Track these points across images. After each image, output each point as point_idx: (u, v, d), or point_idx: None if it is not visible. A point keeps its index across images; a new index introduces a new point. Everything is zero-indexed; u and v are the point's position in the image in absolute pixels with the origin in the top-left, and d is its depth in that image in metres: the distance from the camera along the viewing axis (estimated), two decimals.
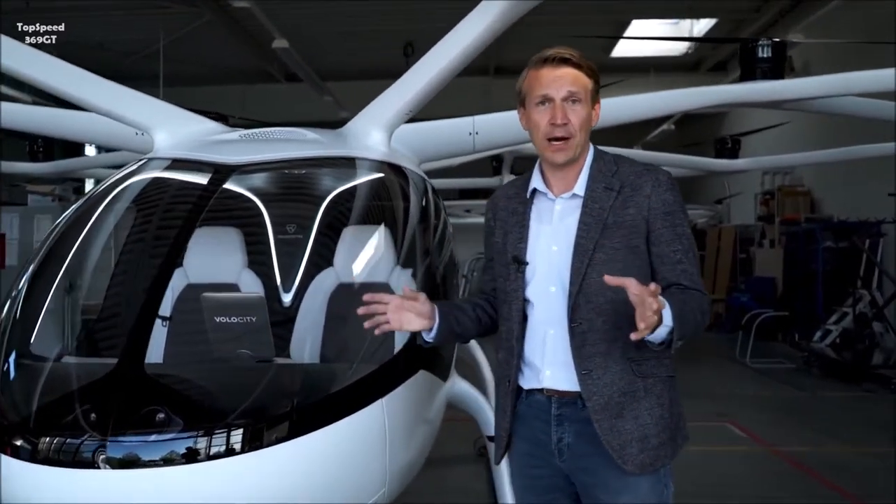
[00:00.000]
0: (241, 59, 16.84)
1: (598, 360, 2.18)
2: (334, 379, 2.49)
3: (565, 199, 2.29)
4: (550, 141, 2.23)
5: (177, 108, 3.69)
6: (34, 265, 2.83)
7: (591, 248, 2.19)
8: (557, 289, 2.24)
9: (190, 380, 2.41)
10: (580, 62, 2.25)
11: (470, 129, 4.41)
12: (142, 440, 2.03)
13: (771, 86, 4.51)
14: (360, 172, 3.23)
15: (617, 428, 2.16)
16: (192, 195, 2.88)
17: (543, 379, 2.26)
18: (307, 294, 2.94)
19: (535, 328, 2.28)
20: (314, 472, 2.28)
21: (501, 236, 2.39)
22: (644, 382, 2.20)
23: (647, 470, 2.18)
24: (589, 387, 2.18)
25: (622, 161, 2.32)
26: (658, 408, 2.20)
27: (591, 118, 2.27)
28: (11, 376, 2.42)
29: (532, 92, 2.27)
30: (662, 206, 2.21)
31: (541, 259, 2.28)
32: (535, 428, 2.30)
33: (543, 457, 2.29)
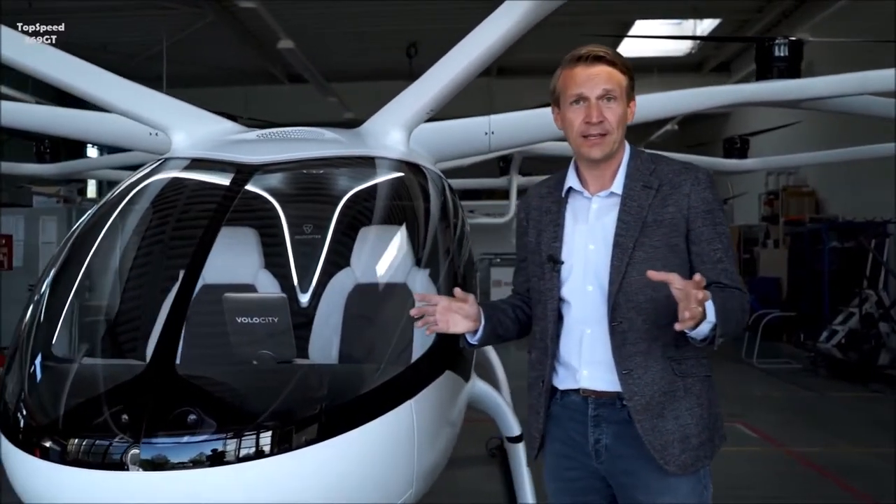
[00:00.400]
0: (243, 61, 16.83)
1: (638, 359, 2.16)
2: (364, 380, 2.46)
3: (602, 198, 2.28)
4: (586, 137, 2.22)
5: (194, 108, 3.67)
6: (57, 266, 2.80)
7: (630, 247, 2.17)
8: (595, 288, 2.22)
9: (221, 382, 2.39)
10: (614, 59, 2.23)
11: (486, 129, 4.40)
12: (179, 442, 2.00)
13: (787, 85, 4.49)
14: (383, 172, 3.21)
15: (658, 428, 2.14)
16: (216, 195, 2.85)
17: (580, 379, 2.24)
18: (333, 294, 2.92)
19: (572, 328, 2.26)
20: (346, 474, 2.26)
21: (535, 235, 2.37)
22: (684, 382, 2.18)
23: (689, 470, 2.16)
24: (630, 386, 2.16)
25: (660, 159, 2.31)
26: (698, 408, 2.19)
27: (626, 115, 2.25)
28: (38, 378, 2.40)
29: (566, 91, 2.25)
30: (702, 204, 2.19)
31: (577, 258, 2.26)
32: (570, 429, 2.28)
33: (579, 458, 2.27)
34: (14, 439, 2.16)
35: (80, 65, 3.36)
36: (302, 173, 3.15)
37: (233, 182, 2.87)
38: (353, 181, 3.25)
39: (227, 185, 2.85)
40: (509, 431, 3.78)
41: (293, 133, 3.47)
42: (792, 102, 4.72)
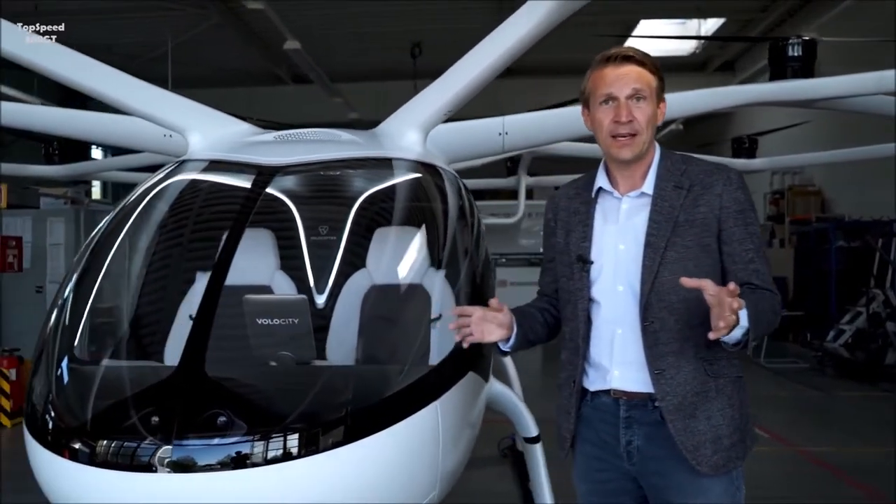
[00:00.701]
0: (247, 61, 16.82)
1: (670, 359, 2.16)
2: (392, 381, 2.46)
3: (632, 198, 2.28)
4: (615, 137, 2.21)
5: (210, 109, 3.66)
6: (81, 268, 2.80)
7: (662, 247, 2.17)
8: (625, 288, 2.22)
9: (251, 384, 2.38)
10: (644, 59, 2.23)
11: (500, 130, 4.40)
12: (212, 444, 2.00)
13: (801, 84, 4.49)
14: (404, 173, 3.21)
15: (690, 428, 2.14)
16: (239, 197, 2.85)
17: (611, 379, 2.24)
18: (357, 295, 2.92)
19: (602, 328, 2.26)
20: (375, 475, 2.26)
21: (563, 236, 2.37)
22: (716, 383, 2.18)
23: (721, 471, 2.16)
24: (662, 386, 2.16)
25: (690, 160, 2.31)
26: (729, 408, 2.19)
27: (656, 116, 2.25)
28: (67, 380, 2.40)
29: (596, 91, 2.25)
30: (734, 204, 2.19)
31: (607, 258, 2.26)
32: (601, 430, 2.28)
33: (610, 460, 2.27)
34: (44, 441, 2.16)
35: (97, 67, 3.37)
36: (323, 175, 3.15)
37: (255, 184, 2.87)
38: (375, 183, 3.25)
39: (249, 187, 2.85)
40: (527, 432, 3.77)
41: (310, 135, 3.47)
42: (806, 102, 4.71)
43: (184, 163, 3.26)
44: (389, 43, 15.99)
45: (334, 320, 2.87)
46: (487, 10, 14.81)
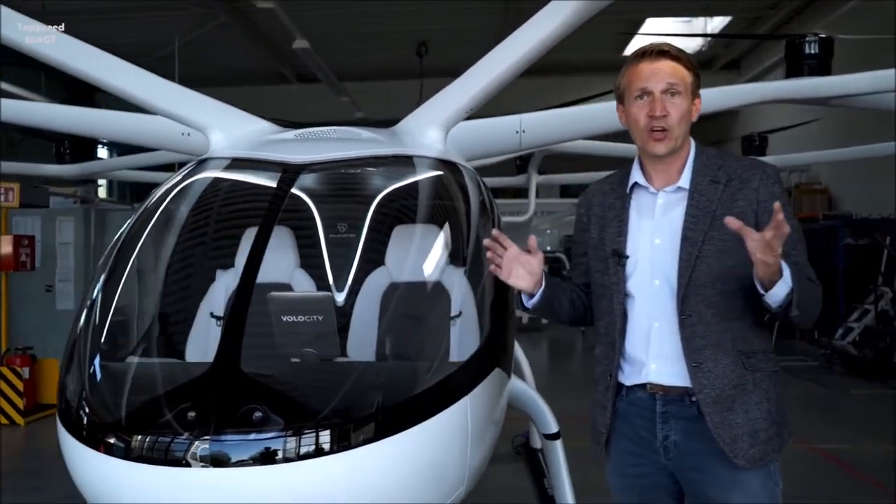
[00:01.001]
0: (253, 61, 16.86)
1: (708, 352, 2.17)
2: (424, 377, 2.47)
3: (668, 193, 2.29)
4: (650, 132, 2.22)
5: (231, 108, 3.67)
6: (110, 266, 2.81)
7: (699, 240, 2.18)
8: (662, 281, 2.23)
9: (286, 380, 2.39)
10: (679, 55, 2.24)
11: (517, 128, 4.41)
12: (254, 439, 2.01)
13: (817, 82, 4.50)
14: (429, 171, 3.22)
15: (728, 421, 2.15)
16: (266, 194, 2.86)
17: (648, 373, 2.25)
18: (394, 291, 2.94)
19: (638, 322, 2.27)
20: (407, 470, 2.27)
21: (597, 231, 2.38)
22: (753, 376, 2.19)
23: (758, 464, 2.17)
24: (700, 379, 2.16)
25: (726, 156, 2.32)
26: (766, 402, 2.20)
27: (691, 111, 2.26)
28: (103, 377, 2.42)
29: (631, 86, 2.26)
30: (771, 198, 2.19)
31: (642, 252, 2.27)
32: (637, 426, 2.29)
33: (646, 455, 2.28)
34: (83, 437, 2.17)
35: (119, 64, 3.37)
36: (350, 172, 3.16)
37: (281, 181, 2.88)
38: (403, 180, 3.26)
39: (276, 185, 2.86)
40: (547, 429, 3.77)
41: (331, 133, 3.48)
42: (821, 100, 4.72)
43: (207, 161, 3.27)
44: (394, 42, 16.01)
45: (370, 317, 2.88)
46: (492, 9, 14.83)
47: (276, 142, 3.36)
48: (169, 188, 3.14)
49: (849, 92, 4.47)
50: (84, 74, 3.29)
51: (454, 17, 15.10)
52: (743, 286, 2.14)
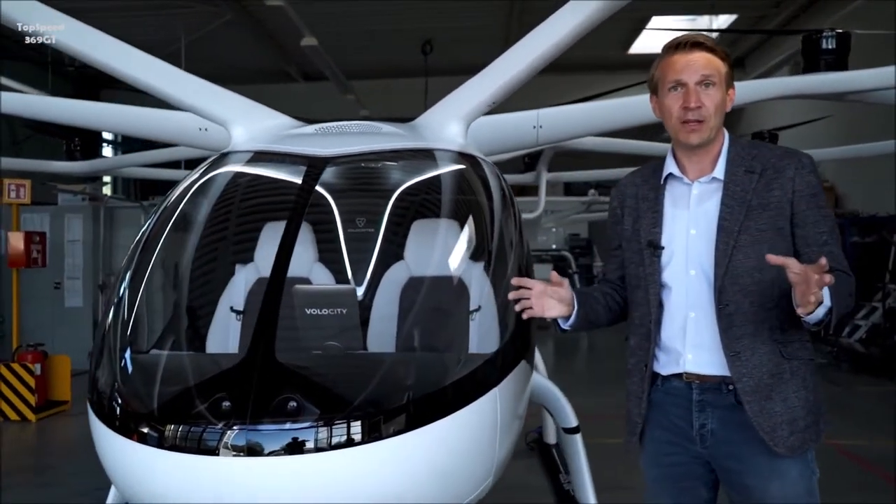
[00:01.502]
0: (258, 59, 16.86)
1: (745, 341, 2.18)
2: (455, 367, 2.48)
3: (703, 183, 2.30)
4: (684, 123, 2.23)
5: (252, 102, 3.68)
6: (137, 259, 2.82)
7: (735, 230, 2.19)
8: (698, 272, 2.24)
9: (321, 371, 2.40)
10: (713, 46, 2.25)
11: (534, 123, 4.42)
12: (299, 428, 2.03)
13: (835, 77, 4.51)
14: (454, 165, 3.23)
15: (767, 410, 2.16)
16: (293, 187, 2.87)
17: (685, 363, 2.26)
18: (429, 283, 2.96)
19: (674, 312, 2.28)
20: (441, 460, 2.28)
21: (631, 223, 2.39)
22: (790, 364, 2.20)
23: (797, 452, 2.18)
24: (738, 368, 2.18)
25: (760, 145, 2.34)
26: (803, 390, 2.21)
27: (725, 102, 2.27)
28: (134, 368, 2.43)
29: (665, 78, 2.27)
30: (807, 187, 2.21)
31: (678, 243, 2.28)
32: (672, 415, 2.30)
33: (682, 444, 2.29)
34: (119, 427, 2.18)
35: (141, 56, 3.40)
36: (378, 165, 3.17)
37: (308, 175, 2.89)
38: (430, 173, 3.26)
39: (303, 178, 2.87)
40: (567, 423, 3.78)
41: (352, 127, 3.49)
42: (838, 95, 4.73)
43: (231, 154, 3.28)
44: (399, 40, 16.00)
45: (418, 308, 2.90)
46: (498, 8, 14.83)
47: (298, 136, 3.37)
48: (195, 181, 3.15)
49: (866, 87, 4.48)
50: (107, 66, 3.31)
51: (459, 16, 15.09)
52: (779, 275, 2.14)
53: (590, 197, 16.14)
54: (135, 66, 3.36)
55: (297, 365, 2.33)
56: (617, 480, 4.62)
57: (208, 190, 3.14)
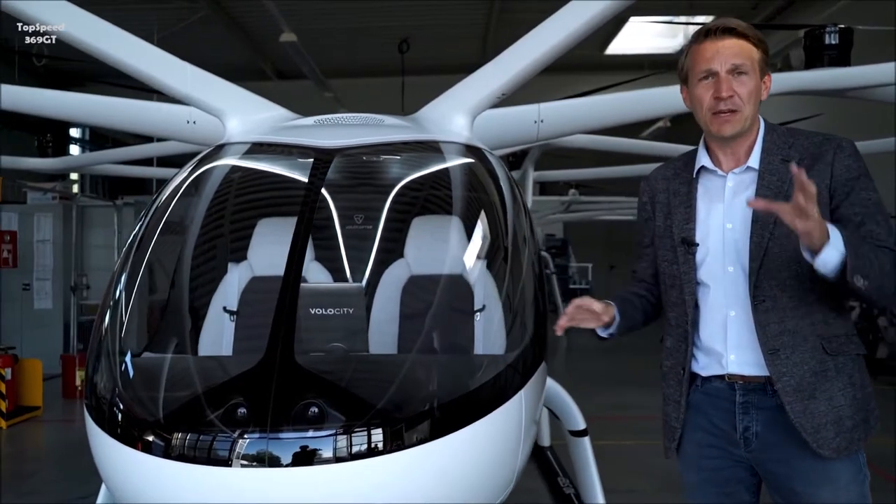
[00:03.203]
0: (233, 56, 16.58)
1: (785, 338, 2.07)
2: (485, 370, 2.36)
3: (737, 174, 2.19)
4: (716, 114, 2.12)
5: (248, 93, 3.53)
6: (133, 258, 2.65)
7: (771, 222, 2.08)
8: (736, 268, 2.13)
9: (342, 375, 2.25)
10: (746, 31, 2.15)
11: (535, 117, 4.32)
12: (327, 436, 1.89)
13: (837, 73, 4.47)
14: (463, 158, 3.11)
15: (810, 410, 2.05)
16: (301, 180, 2.73)
17: (727, 364, 2.15)
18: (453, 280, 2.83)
19: (713, 311, 2.17)
20: (470, 466, 2.16)
21: (662, 219, 2.28)
22: (835, 361, 2.09)
23: (843, 454, 2.07)
24: (777, 367, 2.07)
25: (797, 133, 2.22)
26: (850, 388, 2.09)
27: (759, 90, 2.15)
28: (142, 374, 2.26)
29: (695, 67, 2.17)
30: (846, 171, 2.09)
31: (714, 238, 2.17)
32: (713, 417, 2.19)
33: (724, 447, 2.19)
34: (126, 439, 2.01)
35: (136, 42, 3.24)
36: (390, 157, 3.05)
37: (316, 166, 2.74)
38: (440, 166, 3.14)
39: (312, 170, 2.72)
40: (575, 425, 3.68)
41: (354, 119, 3.35)
42: (839, 91, 4.70)
43: (228, 146, 3.12)
44: (376, 38, 15.85)
45: (434, 310, 2.76)
46: (477, 6, 14.75)
47: (298, 127, 3.24)
48: (191, 175, 2.99)
49: (870, 83, 4.45)
50: (97, 50, 3.14)
51: (438, 14, 14.99)
52: None
53: (570, 197, 16.12)
54: (127, 50, 3.20)
55: (318, 369, 2.18)
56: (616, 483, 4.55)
57: (206, 184, 2.99)
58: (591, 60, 17.09)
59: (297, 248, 2.38)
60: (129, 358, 2.30)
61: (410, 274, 3.07)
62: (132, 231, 2.82)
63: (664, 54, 17.76)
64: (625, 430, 6.97)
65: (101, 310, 2.53)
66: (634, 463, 5.84)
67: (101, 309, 2.53)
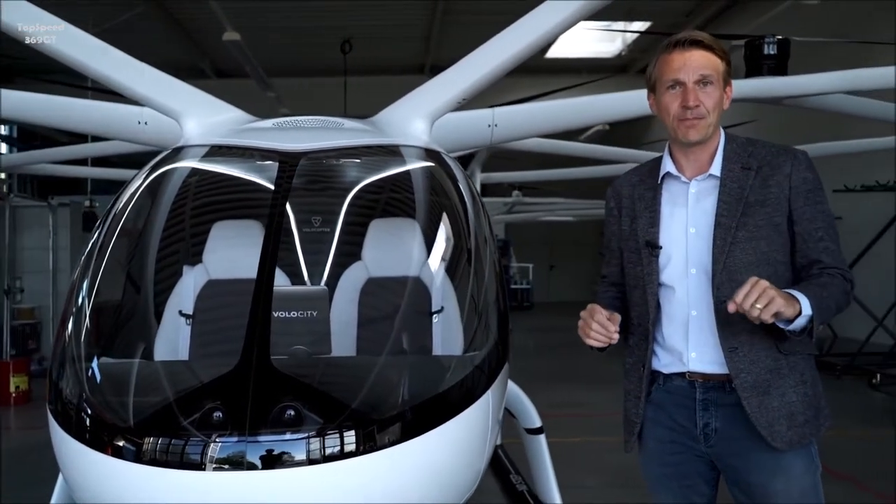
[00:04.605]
0: (170, 53, 16.22)
1: (743, 337, 2.18)
2: (452, 371, 2.41)
3: (700, 181, 2.30)
4: (682, 120, 2.23)
5: (205, 94, 3.49)
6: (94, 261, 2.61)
7: (733, 227, 2.20)
8: (698, 270, 2.24)
9: (312, 377, 2.26)
10: (712, 44, 2.26)
11: (489, 121, 4.38)
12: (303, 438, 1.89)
13: (777, 82, 4.67)
14: (425, 162, 3.15)
15: (765, 405, 2.17)
16: (265, 184, 2.72)
17: (689, 361, 2.26)
18: (409, 285, 2.85)
19: (675, 311, 2.27)
20: (442, 464, 2.21)
21: (628, 223, 2.38)
22: (787, 360, 2.22)
23: (795, 446, 2.19)
24: (736, 364, 2.18)
25: (755, 142, 2.35)
26: (802, 385, 2.22)
27: (722, 100, 2.27)
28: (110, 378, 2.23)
29: (662, 76, 2.26)
30: (803, 183, 2.23)
31: (677, 242, 2.28)
32: (675, 414, 2.30)
33: (685, 443, 2.29)
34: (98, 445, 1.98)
35: (89, 41, 3.17)
36: (354, 161, 3.06)
37: (282, 170, 2.74)
38: (402, 169, 3.17)
39: (277, 174, 2.72)
40: (530, 423, 3.75)
41: (313, 122, 3.35)
42: (776, 99, 4.91)
43: (187, 149, 3.09)
44: (318, 38, 15.73)
45: (401, 312, 2.78)
46: (420, 6, 14.80)
47: (258, 129, 3.22)
48: (148, 178, 2.95)
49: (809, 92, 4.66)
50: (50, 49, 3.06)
51: (380, 14, 14.97)
52: (776, 272, 2.17)
53: (513, 198, 16.29)
54: (81, 49, 3.12)
55: (295, 373, 2.18)
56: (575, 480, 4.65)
57: (167, 187, 2.95)
58: (532, 64, 17.35)
59: (268, 252, 2.38)
60: (96, 363, 2.26)
61: (368, 276, 3.09)
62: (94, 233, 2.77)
63: (603, 59, 18.17)
64: (572, 428, 7.10)
65: (63, 316, 2.49)
66: (583, 460, 5.96)
67: (64, 315, 2.48)
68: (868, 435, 6.93)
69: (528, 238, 24.12)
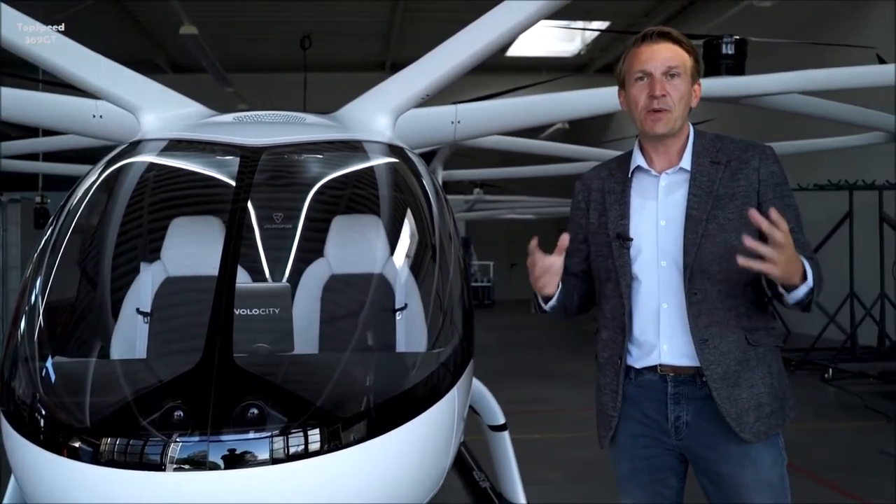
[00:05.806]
0: (124, 47, 15.88)
1: (714, 329, 2.21)
2: (417, 368, 2.39)
3: (670, 175, 2.31)
4: (649, 112, 2.24)
5: (163, 88, 3.41)
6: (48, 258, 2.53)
7: (703, 219, 2.22)
8: (668, 262, 2.25)
9: (275, 375, 2.22)
10: (679, 38, 2.28)
11: (452, 118, 4.38)
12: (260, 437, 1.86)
13: (731, 82, 4.75)
14: (388, 157, 3.12)
15: (734, 396, 2.20)
16: (224, 179, 2.67)
17: (660, 354, 2.27)
18: (373, 282, 2.82)
19: (646, 304, 2.28)
20: (409, 461, 2.19)
21: (597, 216, 2.38)
22: (756, 351, 2.24)
23: (762, 438, 2.22)
24: (706, 355, 2.20)
25: (723, 138, 2.37)
26: (769, 377, 2.25)
27: (690, 94, 2.29)
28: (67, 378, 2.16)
29: (631, 69, 2.28)
30: (771, 177, 2.26)
31: (647, 234, 2.29)
32: (646, 408, 2.31)
33: (656, 436, 2.31)
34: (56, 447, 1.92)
35: (48, 34, 3.08)
36: (315, 156, 3.02)
37: (242, 166, 2.70)
38: (364, 164, 3.13)
39: (238, 169, 2.67)
40: (494, 420, 3.76)
41: (275, 117, 3.30)
42: (734, 98, 4.99)
43: (144, 143, 3.01)
44: (278, 33, 15.57)
45: (366, 308, 2.75)
46: (380, 4, 14.73)
47: (218, 124, 3.17)
48: (104, 172, 2.87)
49: (763, 92, 4.75)
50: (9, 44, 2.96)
51: (341, 11, 14.87)
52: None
53: (474, 196, 16.32)
54: (31, 39, 3.03)
55: (259, 371, 2.15)
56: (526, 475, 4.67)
57: (123, 181, 2.87)
58: (491, 63, 17.34)
59: (230, 249, 2.34)
60: (50, 362, 2.20)
61: (331, 273, 3.05)
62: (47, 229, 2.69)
63: (562, 58, 18.31)
64: (535, 424, 7.13)
65: (14, 314, 2.41)
66: (547, 456, 5.99)
67: (16, 313, 2.40)
68: (822, 427, 7.10)
69: (489, 236, 24.19)
